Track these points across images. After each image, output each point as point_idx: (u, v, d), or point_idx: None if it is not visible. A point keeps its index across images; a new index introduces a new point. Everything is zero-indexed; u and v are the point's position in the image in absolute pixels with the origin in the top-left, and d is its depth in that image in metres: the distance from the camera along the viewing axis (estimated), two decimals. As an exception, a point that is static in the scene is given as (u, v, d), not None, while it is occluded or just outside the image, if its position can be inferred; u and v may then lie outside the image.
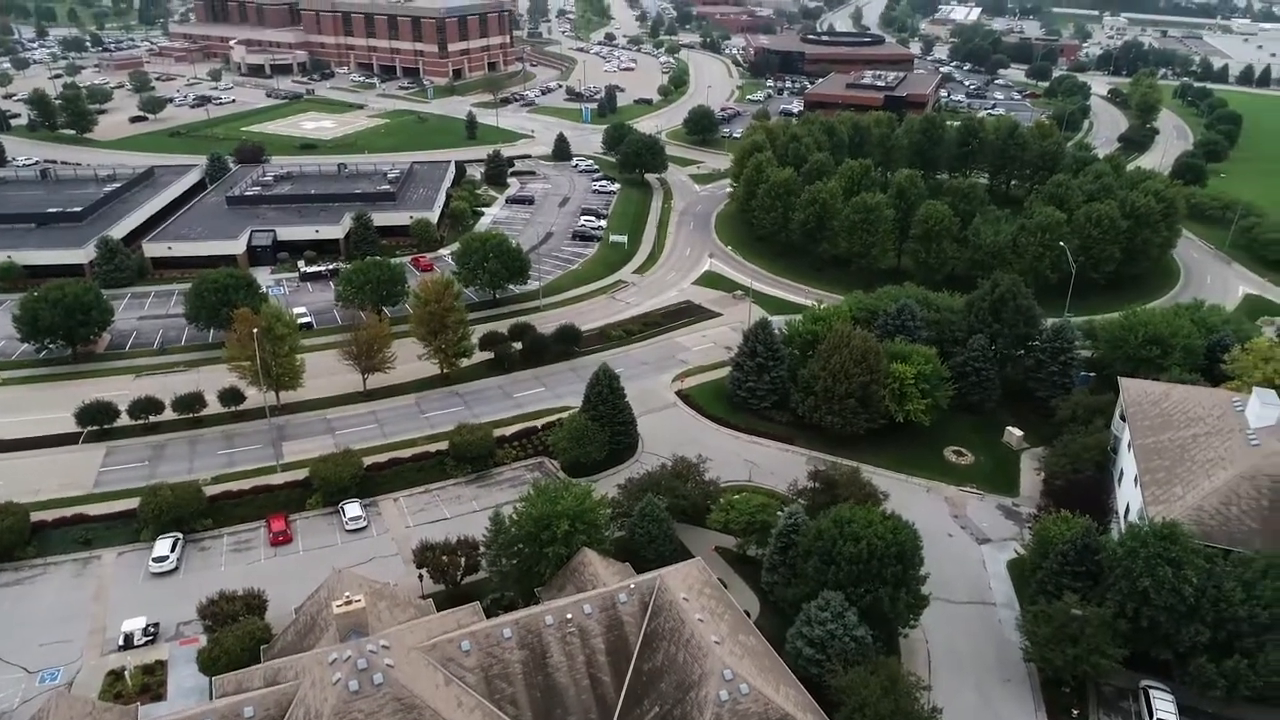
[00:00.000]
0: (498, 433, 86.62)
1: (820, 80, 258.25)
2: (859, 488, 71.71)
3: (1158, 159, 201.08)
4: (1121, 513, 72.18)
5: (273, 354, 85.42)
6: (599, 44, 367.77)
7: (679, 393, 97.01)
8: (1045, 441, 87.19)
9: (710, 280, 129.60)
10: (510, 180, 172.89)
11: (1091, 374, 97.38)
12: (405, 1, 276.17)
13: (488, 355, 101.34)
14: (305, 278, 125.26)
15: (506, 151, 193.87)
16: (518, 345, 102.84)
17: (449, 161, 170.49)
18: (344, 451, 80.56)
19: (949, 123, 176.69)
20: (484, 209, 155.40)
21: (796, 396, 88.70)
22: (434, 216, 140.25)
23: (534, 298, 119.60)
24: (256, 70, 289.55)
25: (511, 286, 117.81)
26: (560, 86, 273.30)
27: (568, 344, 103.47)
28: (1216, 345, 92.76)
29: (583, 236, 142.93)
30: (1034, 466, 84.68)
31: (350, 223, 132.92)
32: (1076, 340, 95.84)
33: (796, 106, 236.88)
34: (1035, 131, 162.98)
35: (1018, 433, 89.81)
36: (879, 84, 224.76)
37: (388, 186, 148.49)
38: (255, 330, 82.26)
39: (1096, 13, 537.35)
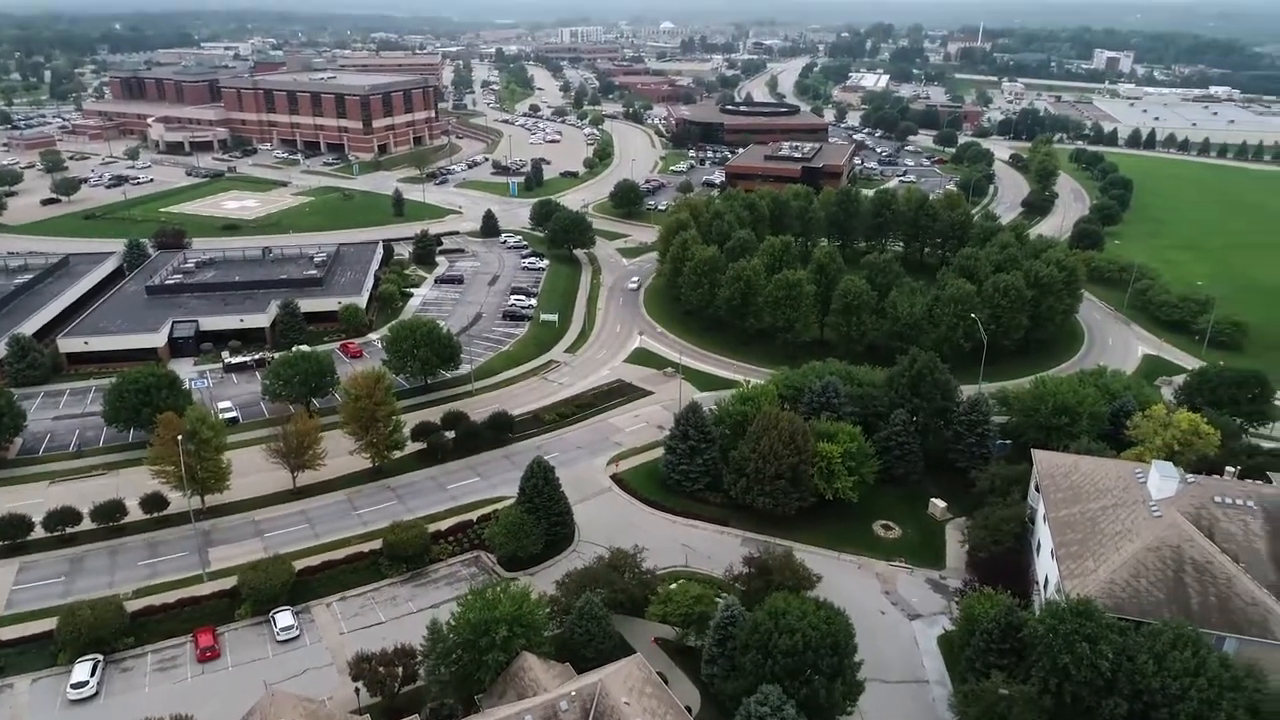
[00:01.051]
0: (432, 527, 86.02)
1: (740, 151, 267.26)
2: (793, 572, 73.40)
3: (1058, 222, 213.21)
4: (1041, 584, 75.19)
5: (198, 457, 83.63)
6: (524, 115, 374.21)
7: (614, 477, 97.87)
8: (968, 511, 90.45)
9: (641, 357, 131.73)
10: (439, 259, 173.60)
11: (1008, 441, 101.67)
12: (328, 79, 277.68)
13: (420, 446, 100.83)
14: (230, 369, 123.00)
15: (434, 228, 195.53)
16: (451, 434, 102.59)
17: (377, 242, 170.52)
18: (274, 557, 78.91)
19: (863, 193, 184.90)
20: (413, 289, 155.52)
21: (729, 478, 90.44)
22: (363, 301, 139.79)
23: (466, 381, 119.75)
24: (175, 148, 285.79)
25: (443, 371, 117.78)
26: (486, 160, 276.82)
27: (501, 431, 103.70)
28: (1119, 411, 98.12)
29: (513, 316, 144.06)
30: (959, 538, 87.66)
31: (276, 310, 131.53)
32: (992, 409, 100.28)
33: (718, 177, 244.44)
34: (944, 202, 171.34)
35: (941, 504, 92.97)
36: (796, 155, 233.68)
37: (315, 271, 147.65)
38: (180, 436, 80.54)
39: (995, 79, 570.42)
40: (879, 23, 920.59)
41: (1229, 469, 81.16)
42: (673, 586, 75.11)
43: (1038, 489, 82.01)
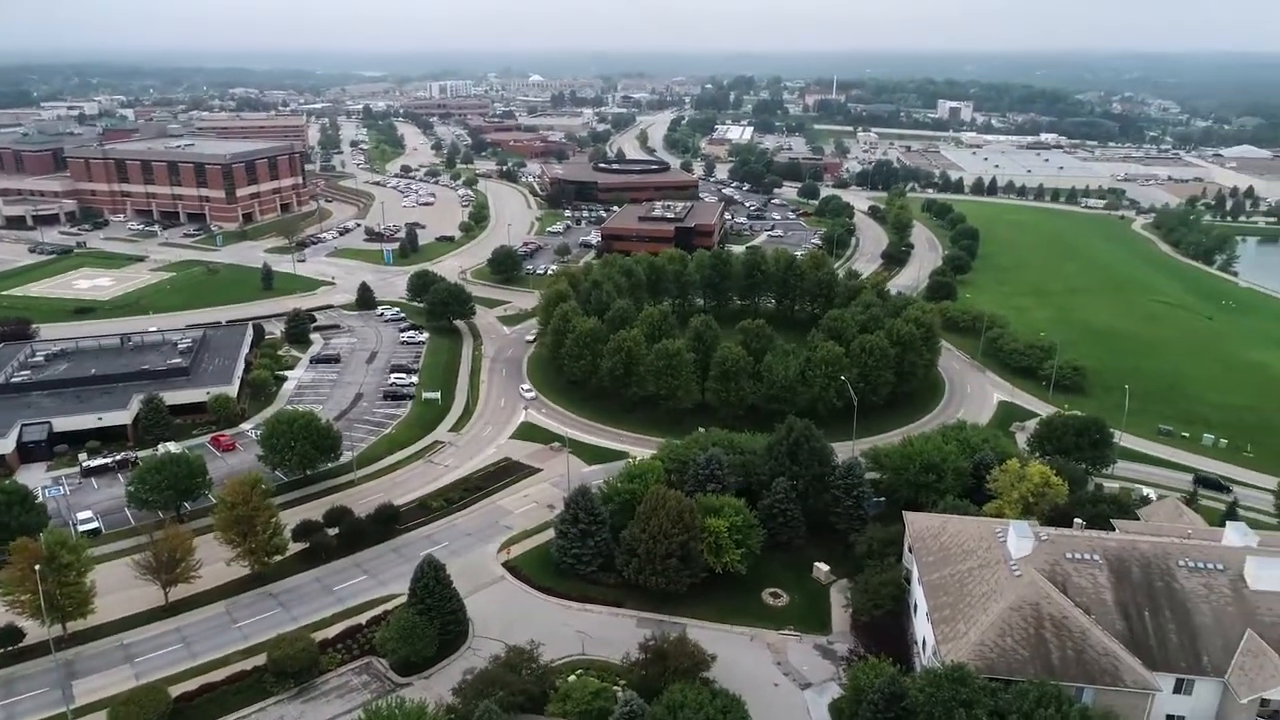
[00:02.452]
0: (320, 635, 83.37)
1: (616, 210, 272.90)
2: (688, 655, 75.00)
3: (915, 272, 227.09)
4: (920, 645, 79.43)
5: (58, 584, 78.44)
6: (396, 176, 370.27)
7: (506, 564, 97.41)
8: (850, 571, 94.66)
9: (527, 432, 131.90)
10: (314, 336, 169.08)
11: (882, 499, 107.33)
12: (186, 147, 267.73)
13: (303, 545, 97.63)
14: (89, 473, 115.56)
15: (307, 302, 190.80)
16: (334, 531, 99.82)
17: (246, 323, 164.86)
18: (147, 686, 74.63)
19: (735, 253, 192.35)
20: (287, 372, 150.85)
21: (621, 559, 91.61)
22: (233, 389, 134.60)
23: (348, 470, 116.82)
24: (17, 222, 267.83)
25: (324, 461, 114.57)
26: (359, 225, 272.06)
27: (387, 524, 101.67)
28: (980, 464, 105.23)
29: (394, 396, 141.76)
30: (843, 602, 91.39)
31: (139, 405, 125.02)
32: (865, 471, 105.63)
33: (595, 237, 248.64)
34: (810, 262, 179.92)
35: (824, 567, 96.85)
36: (669, 215, 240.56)
37: (179, 360, 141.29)
38: (37, 566, 75.45)
39: (851, 129, 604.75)
40: (740, 75, 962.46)
41: (1077, 521, 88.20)
42: (571, 679, 75.45)
43: (910, 550, 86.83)
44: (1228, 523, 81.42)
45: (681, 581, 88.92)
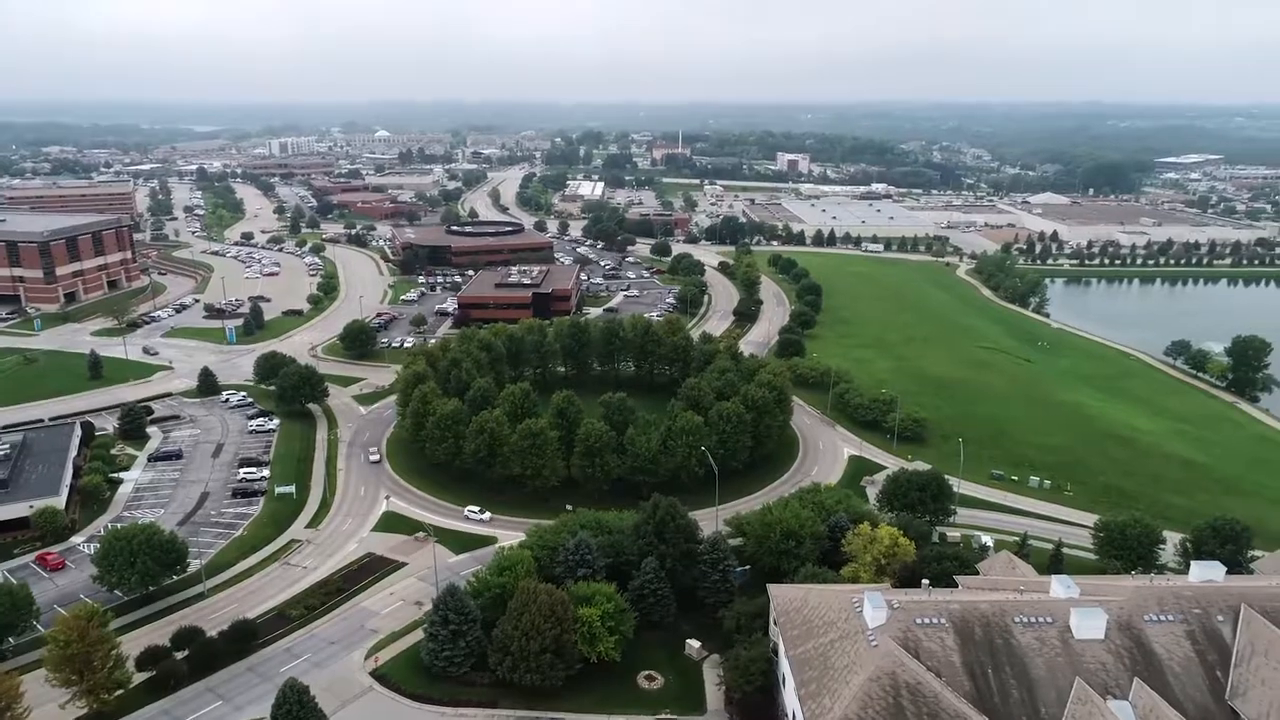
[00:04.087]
0: (171, 776, 77.76)
1: (471, 275, 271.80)
2: (567, 757, 74.74)
3: (766, 328, 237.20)
4: (791, 718, 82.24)
5: None
6: (236, 245, 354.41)
7: (374, 672, 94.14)
8: (721, 646, 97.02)
9: (390, 523, 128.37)
10: (151, 430, 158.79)
11: (747, 568, 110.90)
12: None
13: (149, 674, 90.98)
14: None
15: (142, 390, 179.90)
16: (184, 655, 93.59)
17: (73, 421, 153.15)
18: None
19: (593, 314, 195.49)
20: (123, 474, 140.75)
21: (494, 657, 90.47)
22: (61, 499, 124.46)
23: (196, 581, 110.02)
24: None
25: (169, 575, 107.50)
26: (197, 301, 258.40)
27: (243, 641, 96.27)
28: (835, 527, 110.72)
29: (244, 493, 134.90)
30: (715, 679, 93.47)
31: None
32: (729, 545, 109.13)
33: (451, 305, 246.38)
34: (666, 327, 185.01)
35: (696, 644, 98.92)
36: (526, 281, 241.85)
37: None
38: None
39: (698, 181, 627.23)
40: (589, 129, 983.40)
41: (924, 581, 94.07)
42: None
43: (776, 624, 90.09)
44: (1052, 576, 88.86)
45: (557, 675, 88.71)
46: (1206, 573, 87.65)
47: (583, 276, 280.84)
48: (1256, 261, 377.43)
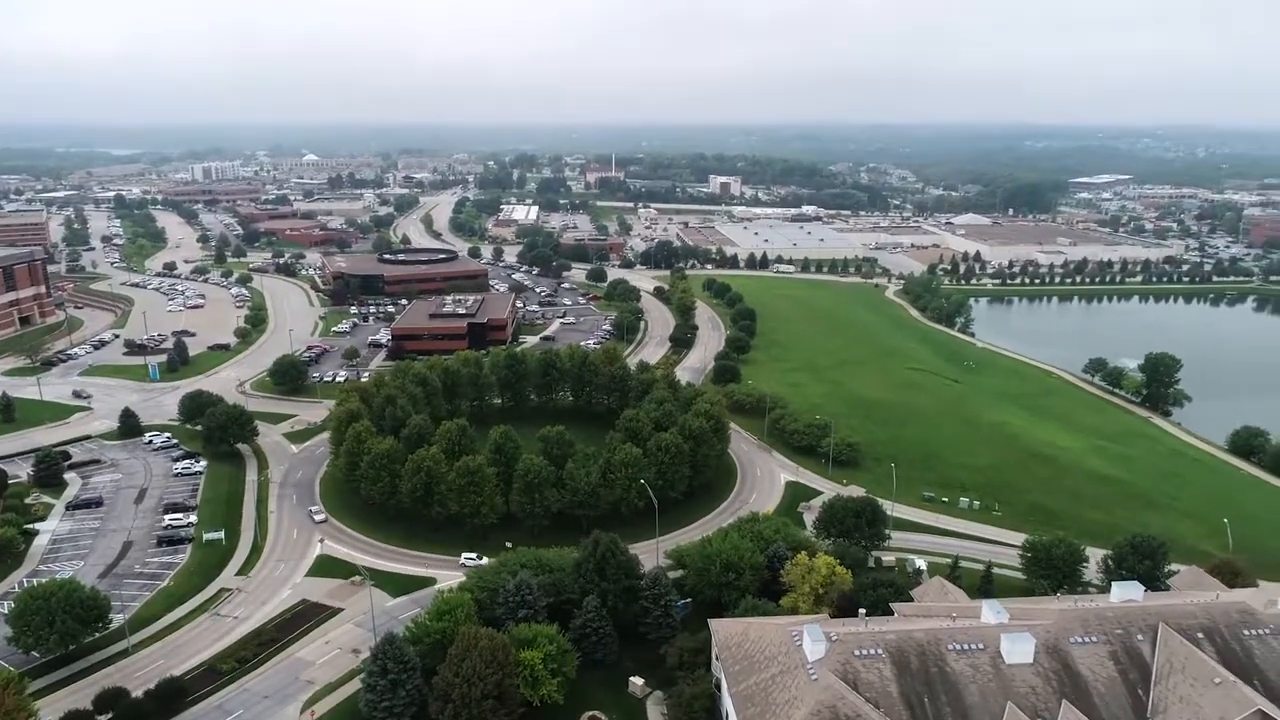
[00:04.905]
0: None
1: (405, 305, 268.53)
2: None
3: (702, 354, 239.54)
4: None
5: None
6: (158, 276, 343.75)
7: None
8: (664, 682, 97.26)
9: (324, 567, 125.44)
10: (69, 476, 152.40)
11: (689, 600, 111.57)
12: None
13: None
14: None
15: (59, 433, 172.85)
16: (107, 717, 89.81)
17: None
18: None
19: (529, 343, 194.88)
20: (38, 525, 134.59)
21: (435, 706, 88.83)
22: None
23: (120, 637, 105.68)
24: None
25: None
26: (117, 337, 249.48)
27: (171, 701, 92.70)
28: (774, 558, 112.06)
29: (171, 541, 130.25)
30: (659, 717, 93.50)
31: None
32: (671, 570, 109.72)
33: (384, 337, 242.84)
34: (603, 356, 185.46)
35: (639, 681, 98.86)
36: (460, 311, 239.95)
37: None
38: None
39: (632, 205, 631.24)
40: (523, 153, 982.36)
41: (861, 610, 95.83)
42: None
43: (718, 659, 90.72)
44: (983, 602, 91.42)
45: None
46: (1127, 593, 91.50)
47: (518, 304, 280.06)
48: (1165, 279, 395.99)
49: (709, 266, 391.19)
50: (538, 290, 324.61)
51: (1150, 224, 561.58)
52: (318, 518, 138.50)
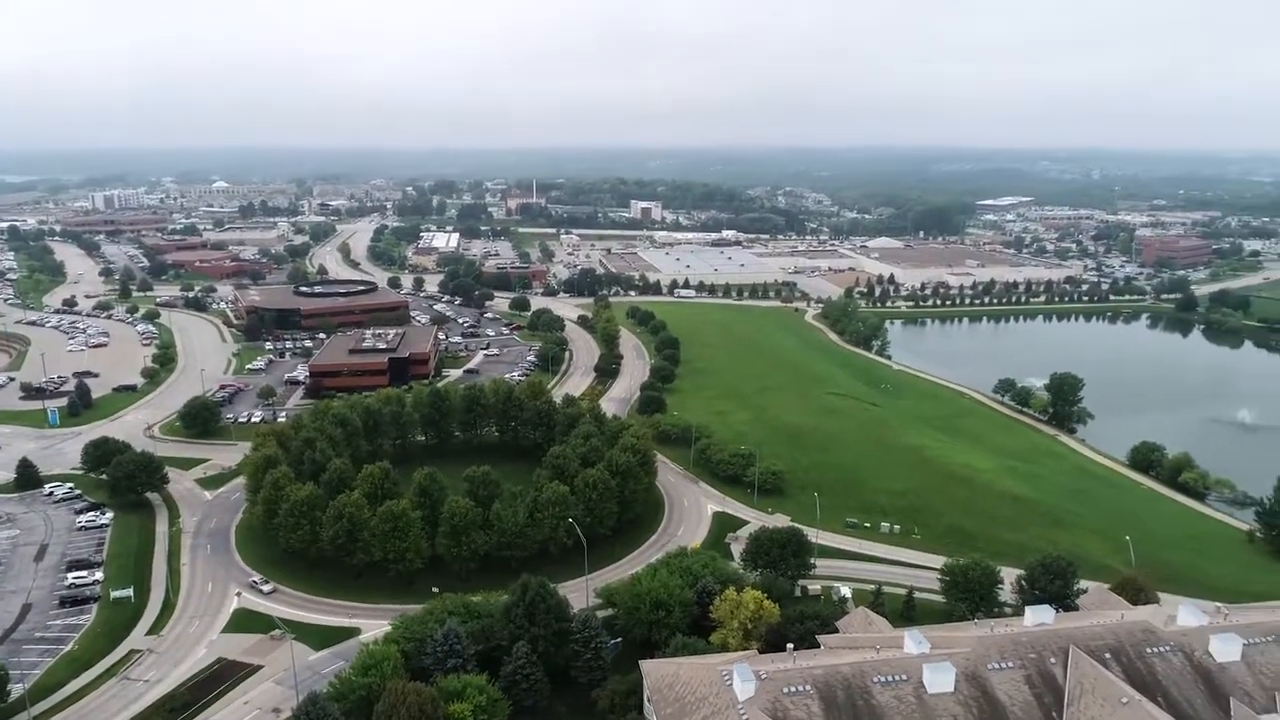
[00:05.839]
0: None
1: (324, 340, 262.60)
2: None
3: (627, 383, 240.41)
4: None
5: None
6: (57, 313, 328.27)
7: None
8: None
9: (242, 621, 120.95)
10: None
11: (619, 640, 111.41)
12: None
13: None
14: None
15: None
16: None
17: None
18: None
19: (453, 376, 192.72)
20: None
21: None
22: None
23: (20, 709, 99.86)
24: None
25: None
26: (12, 380, 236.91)
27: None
28: (703, 593, 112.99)
29: (74, 601, 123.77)
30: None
31: None
32: (600, 609, 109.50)
33: (302, 373, 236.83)
34: (528, 390, 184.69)
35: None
36: (381, 346, 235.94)
37: None
38: None
39: (554, 231, 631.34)
40: (443, 179, 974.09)
41: (789, 645, 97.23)
42: None
43: (650, 701, 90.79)
44: (905, 631, 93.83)
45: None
46: (1039, 616, 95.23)
47: (441, 336, 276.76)
48: (1066, 298, 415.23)
49: (632, 293, 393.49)
50: (460, 321, 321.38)
51: (1051, 244, 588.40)
52: (265, 589, 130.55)
